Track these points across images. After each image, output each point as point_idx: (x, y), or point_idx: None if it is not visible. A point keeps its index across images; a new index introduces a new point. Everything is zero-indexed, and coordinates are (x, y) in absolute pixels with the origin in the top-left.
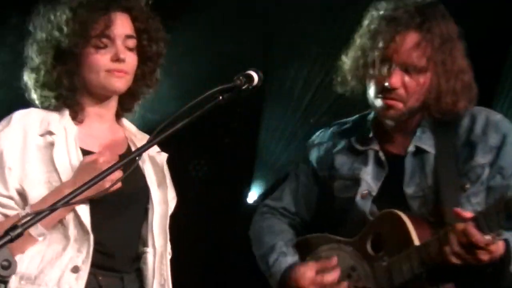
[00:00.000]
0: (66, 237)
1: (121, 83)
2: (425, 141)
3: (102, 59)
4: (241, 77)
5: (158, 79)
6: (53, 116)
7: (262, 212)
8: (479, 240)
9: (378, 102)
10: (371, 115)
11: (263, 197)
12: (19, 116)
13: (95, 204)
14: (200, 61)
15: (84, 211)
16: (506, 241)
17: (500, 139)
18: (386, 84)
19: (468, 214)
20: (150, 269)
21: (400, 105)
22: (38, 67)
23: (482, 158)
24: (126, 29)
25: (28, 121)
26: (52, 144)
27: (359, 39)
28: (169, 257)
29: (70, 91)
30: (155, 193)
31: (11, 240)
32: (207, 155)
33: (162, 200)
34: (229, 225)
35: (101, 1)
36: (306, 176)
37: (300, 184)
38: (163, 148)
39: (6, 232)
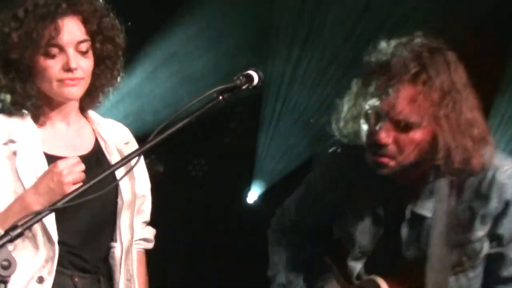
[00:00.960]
0: (36, 247)
1: (75, 91)
2: (424, 204)
3: (52, 69)
4: (241, 77)
5: (120, 71)
6: (14, 122)
7: (278, 220)
8: None
9: (369, 157)
10: None
11: (263, 197)
12: None
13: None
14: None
15: (49, 218)
16: None
17: (501, 207)
18: (375, 139)
19: None
20: (117, 264)
21: (389, 162)
22: None
23: (481, 231)
24: (76, 35)
25: None
26: (15, 153)
27: (355, 85)
28: (135, 251)
29: (24, 97)
30: (124, 188)
31: (11, 240)
32: (207, 155)
33: (131, 194)
34: (229, 225)
35: (47, 8)
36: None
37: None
38: (163, 148)
39: (6, 232)
